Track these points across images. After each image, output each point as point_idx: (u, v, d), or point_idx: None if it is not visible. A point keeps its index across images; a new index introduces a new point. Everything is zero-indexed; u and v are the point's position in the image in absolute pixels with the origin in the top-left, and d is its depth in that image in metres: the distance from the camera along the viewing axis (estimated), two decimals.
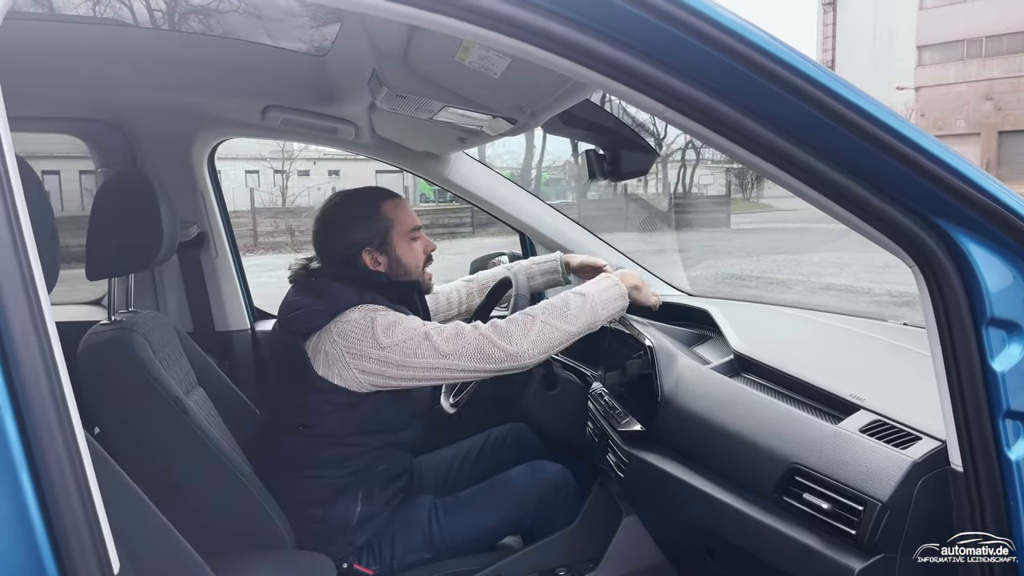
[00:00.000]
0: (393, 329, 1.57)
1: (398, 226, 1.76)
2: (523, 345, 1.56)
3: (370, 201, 1.77)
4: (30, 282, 0.69)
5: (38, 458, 0.68)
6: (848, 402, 1.29)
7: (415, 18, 0.83)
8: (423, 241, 1.82)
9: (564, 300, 1.65)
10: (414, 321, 1.62)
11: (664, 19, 0.83)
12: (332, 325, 1.61)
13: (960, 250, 0.92)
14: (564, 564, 1.83)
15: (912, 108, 33.93)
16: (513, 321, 1.60)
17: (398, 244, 1.76)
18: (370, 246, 1.75)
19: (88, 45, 1.74)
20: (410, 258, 1.78)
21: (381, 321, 1.58)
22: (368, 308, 1.62)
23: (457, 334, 1.58)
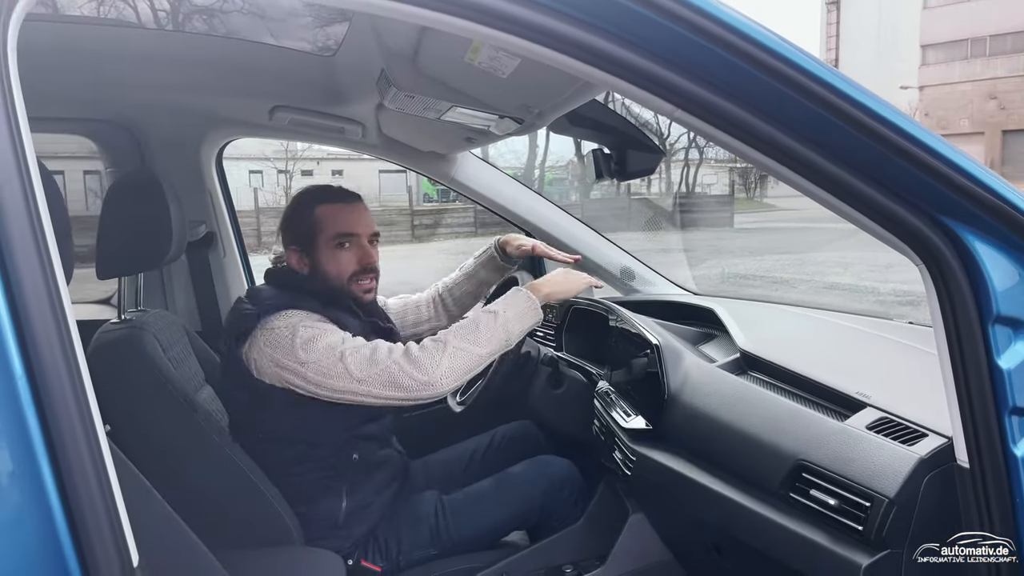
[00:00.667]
0: (311, 345, 1.53)
1: (325, 231, 1.71)
2: (435, 373, 1.50)
3: (310, 200, 1.75)
4: (52, 283, 0.70)
5: (60, 454, 0.69)
6: (854, 399, 1.30)
7: (427, 19, 0.84)
8: (357, 251, 1.74)
9: (475, 321, 1.60)
10: (335, 338, 1.55)
11: (672, 19, 0.84)
12: (259, 333, 1.58)
13: (967, 248, 0.93)
14: (571, 561, 1.84)
15: (916, 107, 33.86)
16: (425, 348, 1.54)
17: (322, 249, 1.72)
18: (296, 246, 1.74)
19: (99, 46, 1.75)
20: (331, 266, 1.72)
21: (302, 334, 1.54)
22: (294, 316, 1.58)
23: (372, 359, 1.51)
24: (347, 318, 1.67)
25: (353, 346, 1.54)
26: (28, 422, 0.68)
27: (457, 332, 1.57)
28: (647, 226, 18.30)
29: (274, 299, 1.63)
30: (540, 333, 2.57)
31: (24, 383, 0.68)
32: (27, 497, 0.68)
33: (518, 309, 1.64)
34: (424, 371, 1.49)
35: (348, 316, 1.69)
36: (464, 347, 1.54)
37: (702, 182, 29.17)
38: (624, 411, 1.81)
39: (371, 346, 1.55)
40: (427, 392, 1.50)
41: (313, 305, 1.63)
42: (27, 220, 0.69)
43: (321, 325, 1.58)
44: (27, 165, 0.70)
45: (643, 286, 2.61)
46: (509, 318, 1.62)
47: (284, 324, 1.57)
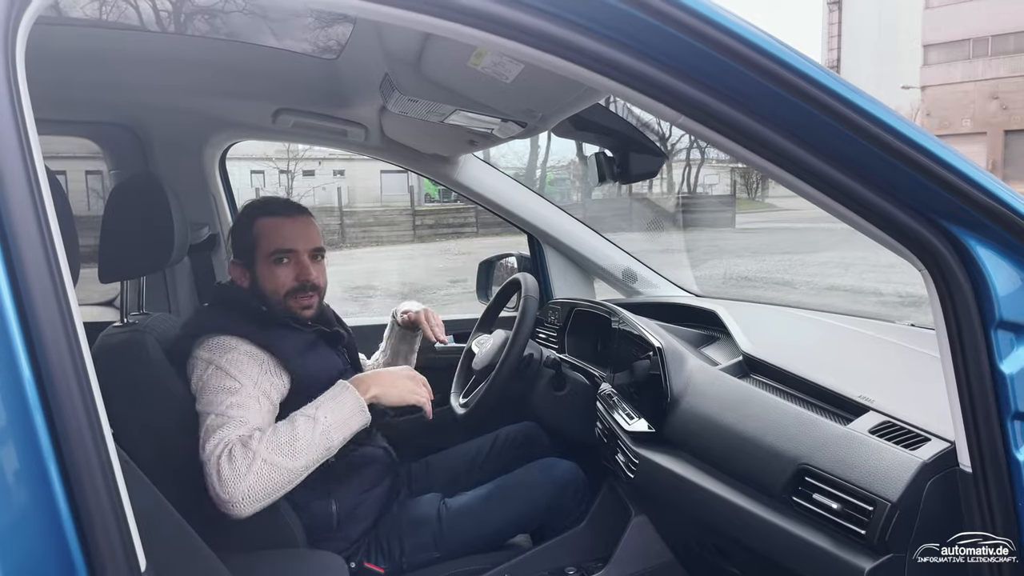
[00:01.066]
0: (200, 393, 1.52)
1: (261, 246, 1.70)
2: (236, 492, 1.36)
3: (251, 212, 1.73)
4: (60, 286, 0.70)
5: (67, 458, 0.69)
6: (857, 403, 1.30)
7: (431, 26, 0.84)
8: (295, 268, 1.70)
9: (292, 430, 1.46)
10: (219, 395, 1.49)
11: (677, 26, 0.84)
12: (190, 359, 1.58)
13: (969, 253, 0.93)
14: (573, 563, 1.84)
15: (917, 107, 33.86)
16: (233, 459, 1.39)
17: (259, 264, 1.70)
18: (238, 259, 1.73)
19: (103, 49, 1.76)
20: (268, 282, 1.70)
21: (204, 376, 1.53)
22: (217, 348, 1.56)
23: (207, 439, 1.43)
24: (285, 334, 1.65)
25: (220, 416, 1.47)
26: (36, 425, 0.68)
27: (271, 443, 1.42)
28: (648, 226, 18.31)
29: (202, 318, 1.64)
30: (542, 335, 2.57)
31: (32, 387, 0.68)
32: (35, 501, 0.69)
33: (342, 413, 1.52)
34: (224, 486, 1.37)
35: (286, 331, 1.66)
36: (276, 461, 1.40)
37: (703, 182, 29.20)
38: (627, 414, 1.82)
39: (224, 423, 1.45)
40: (226, 509, 1.38)
41: (246, 329, 1.60)
42: (35, 223, 0.69)
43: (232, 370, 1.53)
44: (34, 168, 0.70)
45: (645, 288, 2.61)
46: (331, 424, 1.49)
47: (204, 356, 1.56)
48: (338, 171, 30.44)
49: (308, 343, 1.70)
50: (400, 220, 21.72)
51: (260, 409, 1.52)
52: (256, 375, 1.56)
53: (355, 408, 1.54)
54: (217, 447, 1.42)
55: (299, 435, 1.45)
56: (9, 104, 0.69)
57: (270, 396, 1.57)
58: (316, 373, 1.66)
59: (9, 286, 0.68)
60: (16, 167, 0.69)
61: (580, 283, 2.72)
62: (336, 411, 1.52)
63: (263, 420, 1.52)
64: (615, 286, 2.67)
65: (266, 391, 1.56)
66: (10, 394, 0.68)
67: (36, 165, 0.71)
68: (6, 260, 0.68)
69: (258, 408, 1.52)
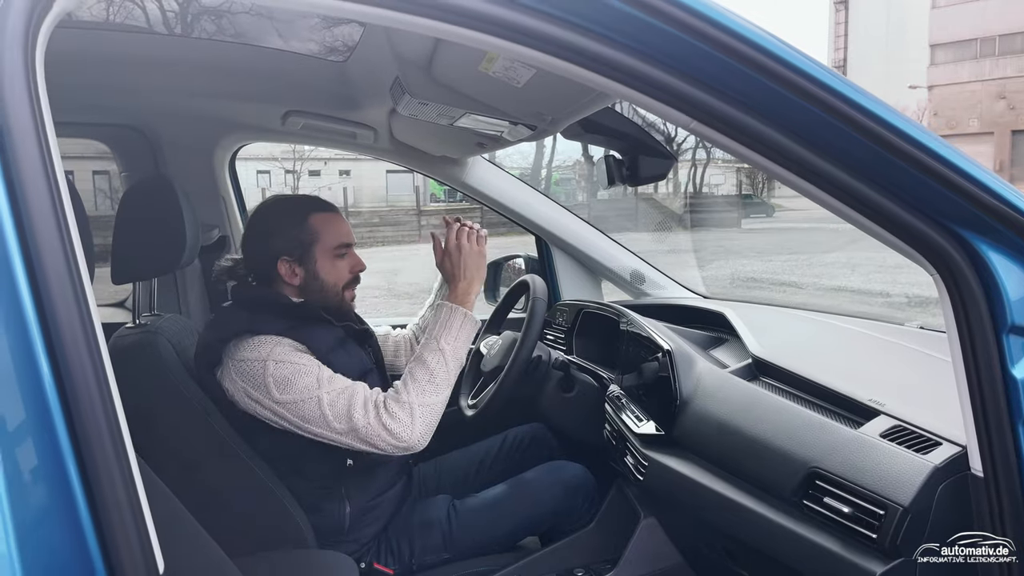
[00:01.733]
0: (287, 386, 1.53)
1: (323, 240, 1.70)
2: (412, 438, 1.53)
3: (300, 209, 1.72)
4: (79, 287, 0.71)
5: (86, 458, 0.70)
6: (868, 407, 1.30)
7: (443, 32, 0.85)
8: (351, 260, 1.76)
9: (426, 368, 1.58)
10: (309, 377, 1.54)
11: (687, 31, 0.84)
12: (228, 362, 1.57)
13: (981, 258, 0.93)
14: (582, 565, 1.84)
15: (925, 107, 33.76)
16: (395, 417, 1.52)
17: (320, 258, 1.70)
18: (288, 256, 1.69)
19: (114, 52, 1.77)
20: (330, 275, 1.71)
21: (275, 371, 1.53)
22: (263, 347, 1.56)
23: (349, 414, 1.52)
24: (318, 331, 1.65)
25: (331, 392, 1.53)
26: (56, 426, 0.69)
27: (416, 388, 1.56)
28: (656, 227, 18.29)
29: (238, 324, 1.61)
30: (551, 336, 2.58)
31: (52, 388, 0.69)
32: (55, 501, 0.70)
33: (455, 330, 1.64)
34: (400, 438, 1.53)
35: (317, 327, 1.66)
36: (429, 402, 1.56)
37: (709, 182, 29.15)
38: (635, 416, 1.82)
39: (347, 395, 1.54)
40: (406, 451, 1.56)
41: (280, 326, 1.60)
42: (54, 225, 0.70)
43: (293, 359, 1.56)
44: (54, 171, 0.71)
45: (653, 289, 2.61)
46: (456, 346, 1.62)
47: (254, 356, 1.55)
48: (344, 171, 30.49)
49: (338, 339, 1.69)
50: (405, 220, 21.73)
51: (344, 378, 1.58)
52: (311, 360, 1.58)
53: (464, 321, 1.65)
54: (367, 412, 1.52)
55: (435, 370, 1.58)
56: (29, 108, 0.70)
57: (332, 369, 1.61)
58: (347, 370, 1.65)
59: (29, 287, 0.68)
60: (36, 170, 0.70)
61: (588, 285, 2.72)
62: (451, 334, 1.63)
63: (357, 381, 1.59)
64: (623, 288, 2.67)
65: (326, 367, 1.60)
66: (30, 395, 0.68)
67: (56, 168, 0.71)
68: (27, 261, 0.69)
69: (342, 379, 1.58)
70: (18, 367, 0.68)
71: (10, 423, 0.67)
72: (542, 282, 2.03)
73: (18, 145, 0.69)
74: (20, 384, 0.68)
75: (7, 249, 0.68)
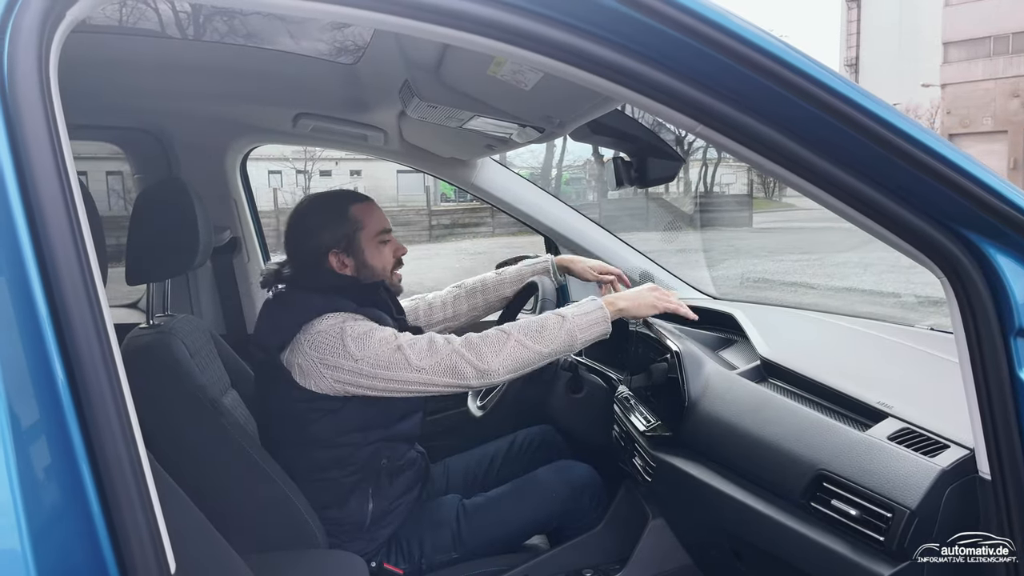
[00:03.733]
0: (365, 340, 1.57)
1: (366, 229, 1.76)
2: (494, 362, 1.56)
3: (338, 204, 1.78)
4: (91, 288, 0.72)
5: (99, 459, 0.71)
6: (876, 409, 1.30)
7: (452, 38, 0.85)
8: (392, 244, 1.82)
9: (542, 321, 1.63)
10: (386, 331, 1.60)
11: (693, 35, 0.85)
12: (302, 336, 1.61)
13: (988, 261, 0.93)
14: (591, 565, 1.85)
15: (938, 105, 33.51)
16: (486, 337, 1.59)
17: (366, 247, 1.76)
18: (336, 248, 1.74)
19: (126, 56, 1.79)
20: (377, 261, 1.78)
21: (351, 331, 1.58)
22: (337, 316, 1.61)
23: (430, 349, 1.57)
24: (383, 315, 1.71)
25: (408, 339, 1.58)
26: (69, 427, 0.70)
27: (522, 328, 1.61)
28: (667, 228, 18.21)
29: (311, 303, 1.65)
30: None
31: (65, 389, 0.70)
32: (68, 501, 0.70)
33: (588, 319, 1.65)
34: (484, 359, 1.55)
35: (383, 313, 1.72)
36: (526, 343, 1.58)
37: (720, 181, 29.03)
38: (644, 417, 1.82)
39: (426, 337, 1.59)
40: (484, 380, 1.57)
41: (350, 306, 1.65)
42: (67, 227, 0.71)
43: (369, 323, 1.62)
44: (67, 173, 0.72)
45: None
46: (578, 325, 1.63)
47: (330, 326, 1.59)
48: (355, 171, 30.55)
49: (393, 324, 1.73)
50: (416, 220, 21.75)
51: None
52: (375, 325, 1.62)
53: (600, 317, 1.66)
54: (450, 342, 1.57)
55: (547, 326, 1.61)
56: (43, 112, 0.71)
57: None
58: None
59: (43, 288, 0.69)
60: (50, 173, 0.71)
61: (596, 286, 2.72)
62: (584, 316, 1.65)
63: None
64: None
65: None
66: (44, 396, 0.69)
67: (69, 171, 0.72)
68: (40, 263, 0.69)
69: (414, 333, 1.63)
70: (32, 368, 0.69)
71: (24, 423, 0.68)
72: (551, 283, 2.04)
73: (32, 148, 0.70)
74: (34, 385, 0.69)
75: (21, 251, 0.69)
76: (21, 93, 0.70)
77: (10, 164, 0.70)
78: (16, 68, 0.70)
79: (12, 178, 0.70)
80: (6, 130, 0.70)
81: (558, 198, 2.67)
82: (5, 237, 0.69)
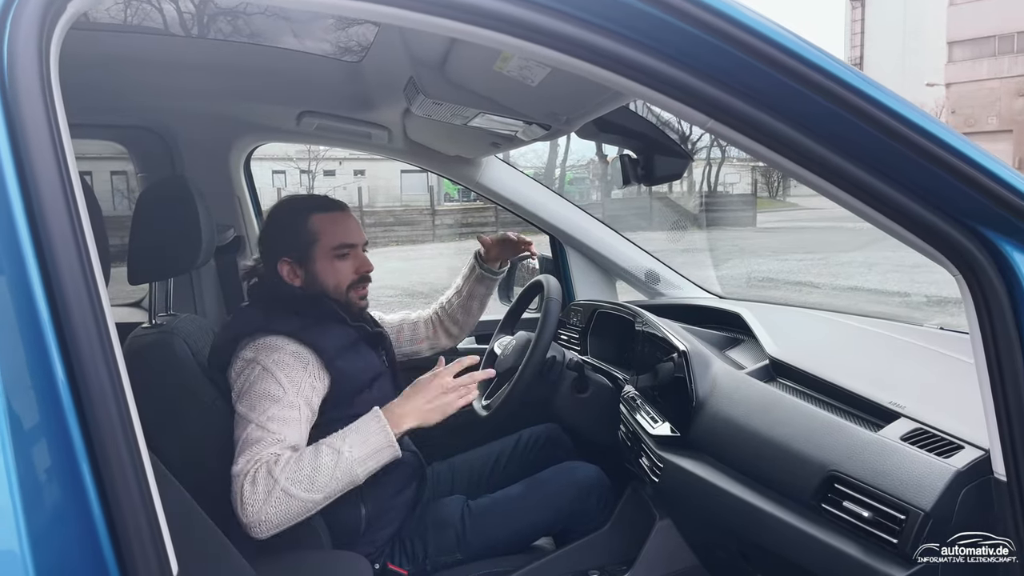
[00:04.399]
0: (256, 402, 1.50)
1: (322, 241, 1.69)
2: (255, 517, 1.39)
3: (301, 209, 1.72)
4: (93, 288, 0.71)
5: (100, 460, 0.70)
6: (888, 409, 1.28)
7: (459, 32, 0.84)
8: (355, 260, 1.73)
9: (315, 462, 1.44)
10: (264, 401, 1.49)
11: (703, 28, 0.83)
12: (234, 359, 1.58)
13: (1004, 258, 0.91)
14: (597, 566, 1.83)
15: (942, 105, 33.45)
16: (256, 484, 1.40)
17: (319, 259, 1.69)
18: (288, 256, 1.69)
19: (132, 54, 1.78)
20: (329, 277, 1.70)
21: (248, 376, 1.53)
22: (261, 348, 1.55)
23: (241, 453, 1.45)
24: (329, 329, 1.65)
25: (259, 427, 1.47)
26: (70, 427, 0.69)
27: (293, 473, 1.42)
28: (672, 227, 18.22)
29: (250, 323, 1.62)
30: (565, 337, 2.57)
31: (65, 389, 0.69)
32: (69, 502, 0.70)
33: (368, 447, 1.49)
34: (245, 511, 1.39)
35: (334, 324, 1.67)
36: (295, 493, 1.41)
37: (724, 181, 29.02)
38: (650, 417, 1.81)
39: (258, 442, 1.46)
40: (245, 530, 1.41)
41: (293, 325, 1.60)
42: (68, 228, 0.70)
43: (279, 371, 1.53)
44: (68, 172, 0.71)
45: (668, 289, 2.60)
46: (356, 458, 1.47)
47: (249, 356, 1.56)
48: (358, 171, 30.61)
49: (351, 340, 1.69)
50: (420, 219, 21.78)
51: (299, 419, 1.53)
52: (299, 379, 1.55)
53: (383, 443, 1.50)
54: (247, 465, 1.44)
55: (321, 468, 1.44)
56: (43, 110, 0.70)
57: (311, 402, 1.57)
58: (356, 373, 1.66)
59: (43, 288, 0.68)
60: (51, 171, 0.70)
61: (602, 284, 2.71)
62: (363, 446, 1.49)
63: (300, 433, 1.53)
64: (637, 287, 2.65)
65: (308, 397, 1.56)
66: (44, 396, 0.68)
67: (70, 168, 0.71)
68: (41, 263, 0.69)
69: (297, 418, 1.52)
70: (32, 368, 0.68)
71: (24, 424, 0.68)
72: (556, 282, 2.03)
73: (32, 145, 0.69)
74: (34, 385, 0.69)
75: (21, 250, 0.68)
76: (21, 88, 0.69)
77: (10, 159, 0.69)
78: (16, 61, 0.69)
79: (12, 173, 0.69)
80: (5, 124, 0.69)
81: (563, 197, 2.66)
82: (5, 235, 0.68)
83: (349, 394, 1.64)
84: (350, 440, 1.50)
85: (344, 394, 1.63)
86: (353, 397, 1.65)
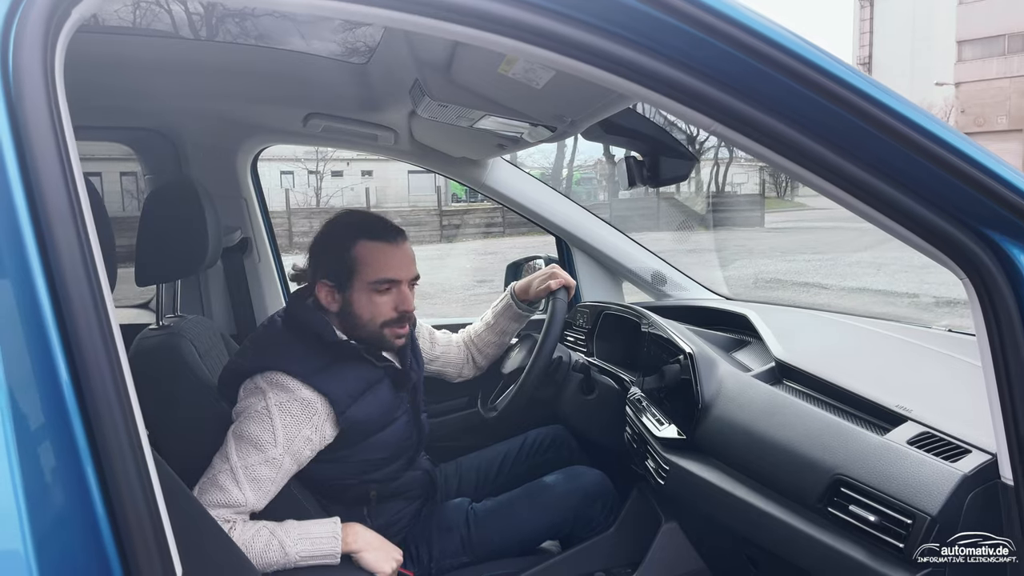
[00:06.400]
0: (244, 439, 1.47)
1: (363, 272, 1.59)
2: None
3: (351, 233, 1.62)
4: (97, 290, 0.71)
5: (104, 462, 0.70)
6: (894, 413, 1.28)
7: (464, 36, 0.84)
8: (396, 297, 1.62)
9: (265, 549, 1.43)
10: (252, 452, 1.46)
11: (708, 31, 0.83)
12: (246, 381, 1.54)
13: (1011, 261, 0.91)
14: (603, 568, 1.83)
15: (952, 104, 33.29)
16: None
17: (356, 290, 1.59)
18: (328, 279, 1.61)
19: (139, 57, 1.79)
20: (364, 311, 1.60)
21: (255, 423, 1.48)
22: (274, 384, 1.50)
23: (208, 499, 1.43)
24: (349, 370, 1.59)
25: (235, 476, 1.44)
26: (74, 429, 0.69)
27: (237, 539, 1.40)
28: (679, 227, 18.19)
29: (267, 349, 1.58)
30: (571, 338, 2.57)
31: (70, 390, 0.69)
32: (73, 504, 0.70)
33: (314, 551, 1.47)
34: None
35: (351, 366, 1.60)
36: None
37: (732, 181, 28.94)
38: (656, 419, 1.80)
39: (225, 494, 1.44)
40: None
41: (309, 367, 1.53)
42: (72, 231, 0.70)
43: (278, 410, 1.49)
44: (73, 175, 0.71)
45: (674, 291, 2.59)
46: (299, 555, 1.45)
47: (262, 385, 1.52)
48: (366, 171, 30.67)
49: (370, 382, 1.62)
50: (427, 220, 21.82)
51: (274, 478, 1.49)
52: (295, 432, 1.50)
53: (329, 552, 1.48)
54: (206, 502, 1.42)
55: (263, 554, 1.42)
56: (48, 112, 0.70)
57: (299, 456, 1.53)
58: (369, 419, 1.61)
59: (48, 290, 0.69)
60: (55, 173, 0.70)
61: (608, 286, 2.71)
62: (310, 547, 1.47)
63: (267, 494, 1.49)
64: (644, 289, 2.65)
65: (297, 452, 1.51)
66: (48, 398, 0.69)
67: (74, 171, 0.72)
68: (45, 266, 0.69)
69: (271, 478, 1.48)
70: (36, 370, 0.68)
71: (29, 426, 0.68)
72: (563, 304, 2.02)
73: (37, 148, 0.69)
74: (38, 387, 0.69)
75: (26, 252, 0.68)
76: (27, 92, 0.69)
77: (14, 162, 0.69)
78: (21, 66, 0.70)
79: (16, 176, 0.69)
80: (11, 129, 0.69)
81: (569, 198, 2.66)
82: (9, 237, 0.68)
83: (360, 437, 1.61)
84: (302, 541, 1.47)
85: (355, 438, 1.60)
86: (364, 440, 1.63)
